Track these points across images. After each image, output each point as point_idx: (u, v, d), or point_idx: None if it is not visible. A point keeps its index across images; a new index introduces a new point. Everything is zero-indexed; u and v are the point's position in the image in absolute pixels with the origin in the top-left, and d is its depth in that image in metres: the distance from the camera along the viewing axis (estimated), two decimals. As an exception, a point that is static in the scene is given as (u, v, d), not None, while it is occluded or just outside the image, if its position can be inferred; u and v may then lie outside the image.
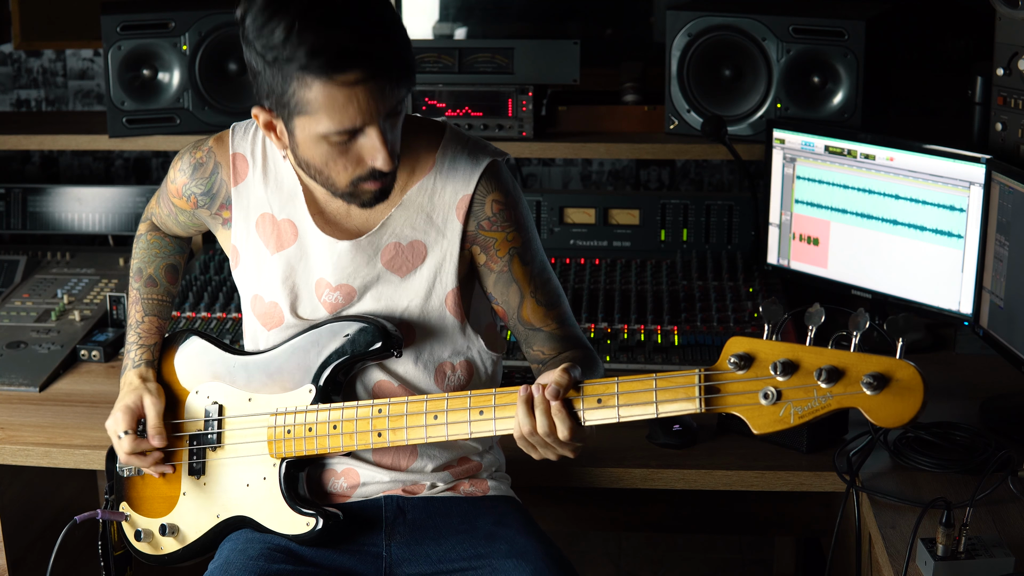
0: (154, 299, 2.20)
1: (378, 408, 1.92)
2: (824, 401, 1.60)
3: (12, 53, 3.72)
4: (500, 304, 2.03)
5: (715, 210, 3.00)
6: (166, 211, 2.17)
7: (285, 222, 2.00)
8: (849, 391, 1.59)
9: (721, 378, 1.67)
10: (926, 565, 1.86)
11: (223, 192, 2.04)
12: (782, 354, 1.63)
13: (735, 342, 1.67)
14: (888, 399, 1.57)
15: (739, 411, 1.66)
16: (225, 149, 2.03)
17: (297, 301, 2.00)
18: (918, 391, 1.55)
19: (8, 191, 3.23)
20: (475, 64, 3.00)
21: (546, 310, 2.02)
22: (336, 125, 1.76)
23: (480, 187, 1.96)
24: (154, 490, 2.11)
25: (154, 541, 2.10)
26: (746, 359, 1.65)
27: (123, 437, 2.03)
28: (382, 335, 1.94)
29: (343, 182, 1.84)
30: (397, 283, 1.98)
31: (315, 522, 1.96)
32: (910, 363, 1.56)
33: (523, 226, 2.00)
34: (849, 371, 1.59)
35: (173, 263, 2.25)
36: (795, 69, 2.85)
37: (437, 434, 1.88)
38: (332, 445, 1.95)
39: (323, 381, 1.96)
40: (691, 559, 3.59)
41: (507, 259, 1.99)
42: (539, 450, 1.82)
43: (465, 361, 2.02)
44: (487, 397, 1.85)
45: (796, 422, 1.62)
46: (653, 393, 1.73)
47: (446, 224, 1.97)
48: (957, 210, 2.43)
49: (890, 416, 1.57)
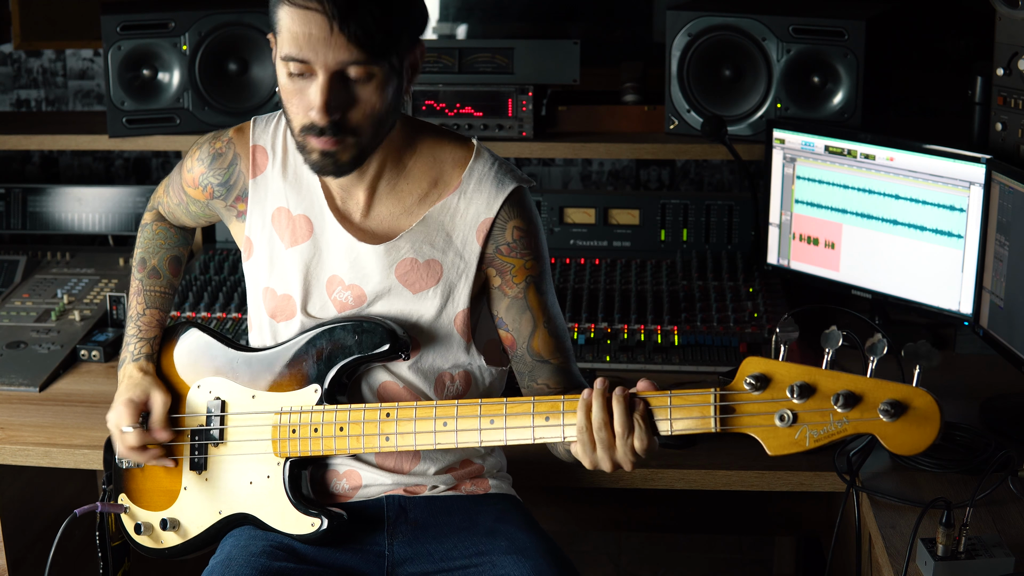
0: (156, 291, 2.19)
1: (386, 412, 1.91)
2: (840, 426, 1.61)
3: (12, 53, 3.72)
4: (510, 331, 2.00)
5: (715, 210, 3.00)
6: (176, 200, 2.16)
7: (301, 218, 2.00)
8: (866, 417, 1.60)
9: (737, 398, 1.68)
10: (926, 565, 1.86)
11: (240, 184, 2.04)
12: (799, 377, 1.64)
13: (751, 362, 1.67)
14: (904, 427, 1.58)
15: (754, 432, 1.66)
16: (245, 141, 2.03)
17: (308, 297, 2.00)
18: (935, 420, 1.57)
19: (8, 191, 3.23)
20: (475, 64, 3.00)
21: (556, 342, 2.00)
22: (289, 48, 1.79)
23: (503, 212, 1.96)
24: (154, 483, 2.10)
25: (155, 535, 2.09)
26: (762, 380, 1.65)
27: (127, 432, 2.03)
28: (390, 337, 1.93)
29: (296, 126, 1.85)
30: (408, 297, 1.97)
31: (320, 523, 1.96)
32: (927, 392, 1.58)
33: (541, 256, 2.00)
34: (866, 397, 1.60)
35: (177, 255, 2.24)
36: (795, 69, 2.85)
37: (446, 441, 1.88)
38: (338, 447, 1.94)
39: (328, 381, 1.96)
40: (691, 559, 3.59)
41: (523, 286, 1.98)
42: (598, 451, 1.77)
43: (464, 372, 2.02)
44: (499, 406, 1.84)
45: (811, 445, 1.63)
46: (668, 411, 1.73)
47: (465, 245, 1.96)
48: (957, 210, 2.43)
49: (905, 444, 1.58)
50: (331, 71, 1.78)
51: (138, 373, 2.09)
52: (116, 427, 2.05)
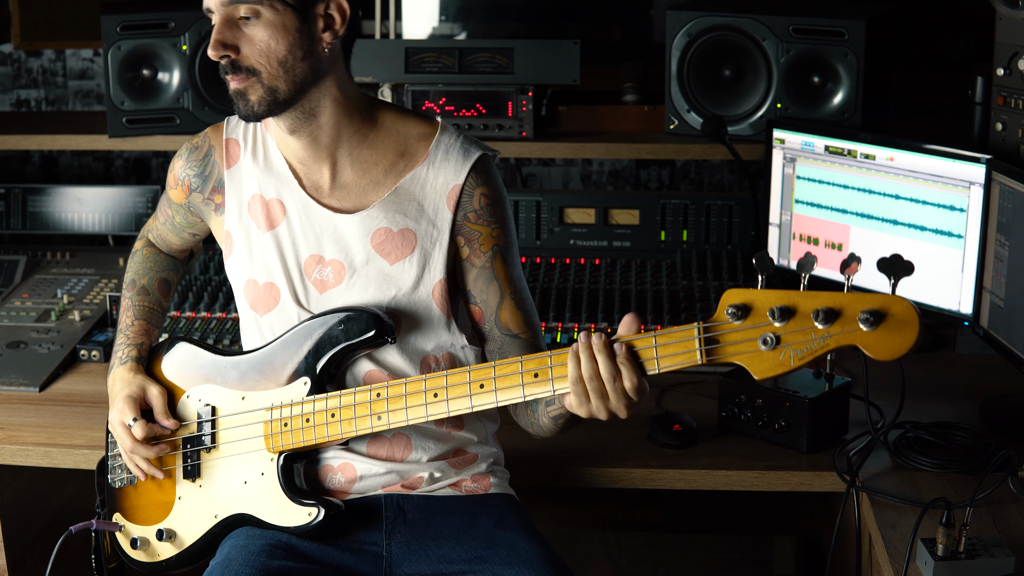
0: (145, 306, 2.23)
1: (376, 392, 1.93)
2: (823, 341, 1.63)
3: (12, 53, 3.72)
4: (479, 303, 2.04)
5: (715, 210, 3.00)
6: (162, 218, 2.21)
7: (274, 201, 2.03)
8: (847, 329, 1.62)
9: (720, 329, 1.69)
10: (926, 565, 1.86)
11: (215, 174, 2.08)
12: (778, 300, 1.66)
13: (731, 294, 1.69)
14: (885, 334, 1.60)
15: (739, 359, 1.68)
16: (219, 134, 2.10)
17: (289, 281, 2.03)
18: (913, 324, 1.59)
19: (8, 191, 3.23)
20: (475, 64, 3.00)
21: (524, 316, 2.04)
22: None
23: (470, 179, 2.01)
24: (147, 498, 2.11)
25: (150, 548, 2.10)
26: (743, 309, 1.67)
27: (133, 424, 2.04)
28: (375, 323, 1.95)
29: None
30: (386, 268, 2.00)
31: (317, 512, 1.96)
32: (904, 298, 1.60)
33: (507, 227, 2.04)
34: (845, 310, 1.62)
35: (167, 277, 2.28)
36: (795, 69, 2.85)
37: (438, 411, 1.89)
38: (331, 433, 1.95)
39: (318, 372, 1.97)
40: (691, 559, 3.59)
41: (490, 255, 2.02)
42: (593, 402, 1.79)
43: (448, 355, 2.04)
44: (487, 370, 1.86)
45: (796, 364, 1.64)
46: (654, 349, 1.74)
47: (437, 213, 2.00)
48: (957, 210, 2.43)
49: (887, 349, 1.60)
50: (223, 14, 1.90)
51: (128, 374, 2.11)
52: (120, 423, 2.06)
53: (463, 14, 3.70)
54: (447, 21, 3.68)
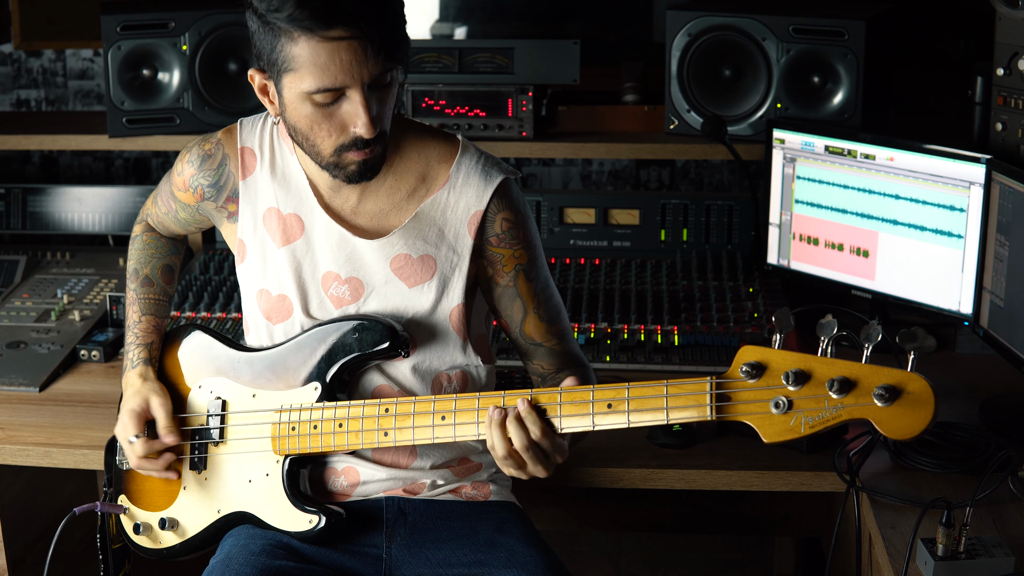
0: (151, 299, 2.20)
1: (384, 407, 1.92)
2: (835, 412, 1.61)
3: (12, 53, 3.72)
4: (504, 318, 2.05)
5: (715, 210, 3.00)
6: (164, 209, 2.18)
7: (291, 216, 2.01)
8: (860, 402, 1.60)
9: (732, 386, 1.68)
10: (926, 565, 1.86)
11: (230, 184, 2.05)
12: (794, 364, 1.64)
13: (747, 351, 1.67)
14: (899, 411, 1.58)
15: (750, 419, 1.66)
16: (234, 142, 2.05)
17: (304, 296, 2.01)
18: (929, 404, 1.57)
19: (8, 191, 3.23)
20: (475, 64, 3.00)
21: (548, 326, 2.04)
22: (318, 82, 1.78)
23: (492, 205, 1.98)
24: (154, 484, 2.11)
25: (153, 535, 2.10)
26: (758, 368, 1.66)
27: (135, 441, 2.03)
28: (390, 334, 1.94)
29: (328, 149, 1.87)
30: (404, 290, 1.99)
31: (318, 519, 1.96)
32: (921, 376, 1.58)
33: (530, 244, 2.02)
34: (861, 382, 1.60)
35: (169, 263, 2.26)
36: (795, 69, 2.84)
37: (445, 435, 1.88)
38: (337, 443, 1.95)
39: (329, 378, 1.97)
40: (691, 559, 3.59)
41: (513, 275, 2.01)
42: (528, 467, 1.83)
43: (461, 373, 2.03)
44: (496, 399, 1.85)
45: (807, 431, 1.62)
46: (664, 400, 1.73)
47: (457, 239, 1.98)
48: (957, 210, 2.43)
49: (900, 428, 1.58)
50: (366, 86, 1.80)
51: (137, 380, 2.09)
52: (124, 439, 2.06)
53: (463, 14, 3.69)
54: (447, 21, 3.68)
